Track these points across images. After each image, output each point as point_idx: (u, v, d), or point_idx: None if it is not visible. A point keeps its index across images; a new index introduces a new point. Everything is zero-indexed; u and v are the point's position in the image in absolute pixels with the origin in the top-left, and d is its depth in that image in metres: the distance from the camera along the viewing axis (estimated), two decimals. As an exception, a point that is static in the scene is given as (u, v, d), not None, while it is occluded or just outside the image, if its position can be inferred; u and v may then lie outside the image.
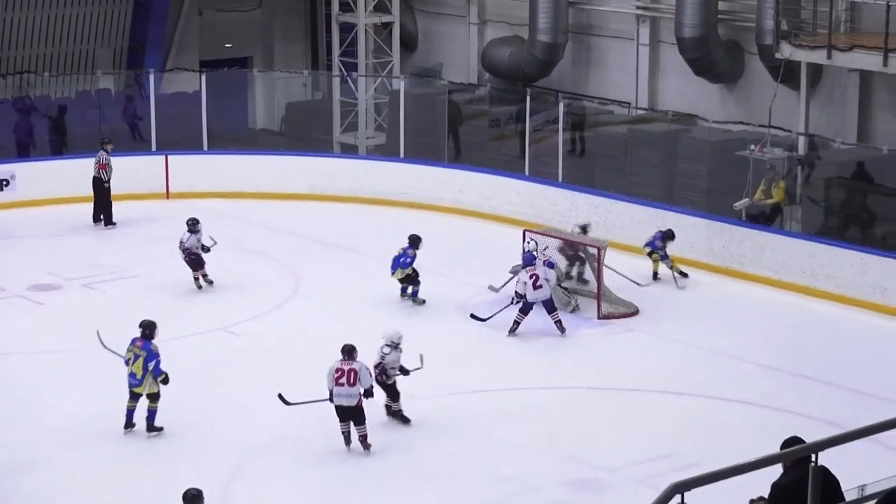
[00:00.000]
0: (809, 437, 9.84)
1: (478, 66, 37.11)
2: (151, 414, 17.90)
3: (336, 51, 37.12)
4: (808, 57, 28.94)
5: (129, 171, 32.86)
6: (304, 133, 36.90)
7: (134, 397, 17.83)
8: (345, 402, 19.96)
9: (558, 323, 25.10)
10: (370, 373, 20.55)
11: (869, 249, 27.04)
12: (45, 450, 20.10)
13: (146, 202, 32.66)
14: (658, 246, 27.08)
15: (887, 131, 29.72)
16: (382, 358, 20.34)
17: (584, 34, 35.32)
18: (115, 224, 28.90)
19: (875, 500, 5.81)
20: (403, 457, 20.43)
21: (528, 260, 25.12)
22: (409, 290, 26.53)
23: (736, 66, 32.53)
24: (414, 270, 26.30)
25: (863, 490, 9.06)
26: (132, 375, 17.84)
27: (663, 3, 33.42)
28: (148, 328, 17.90)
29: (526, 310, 24.81)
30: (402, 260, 26.15)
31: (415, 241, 26.17)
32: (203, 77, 35.12)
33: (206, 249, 27.14)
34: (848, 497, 9.14)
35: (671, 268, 27.11)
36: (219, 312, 25.96)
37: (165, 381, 18.15)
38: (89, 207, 31.14)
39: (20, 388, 22.48)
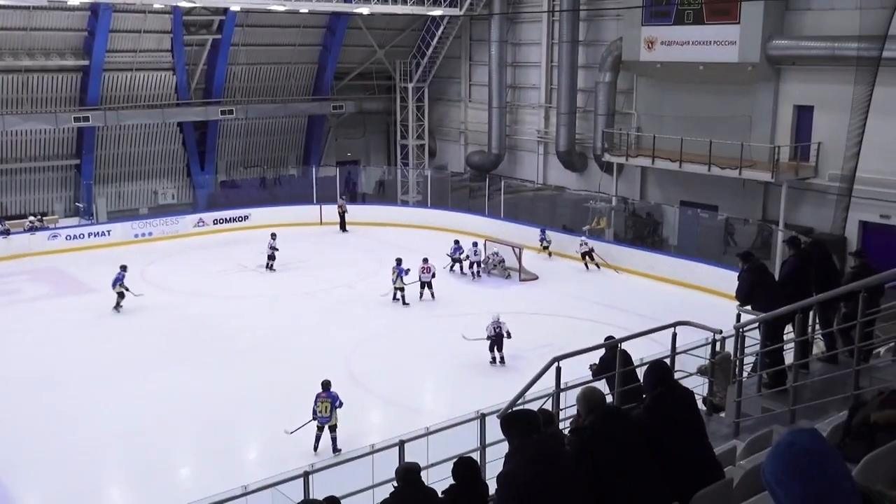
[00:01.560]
0: (617, 336, 10.38)
1: (464, 163, 36.49)
2: (334, 440, 14.29)
3: (399, 157, 36.67)
4: (616, 160, 29.07)
5: (301, 213, 32.67)
6: (385, 195, 36.08)
7: (321, 430, 14.27)
8: (425, 279, 22.20)
9: (477, 273, 25.39)
10: (435, 267, 23.18)
11: (648, 249, 26.88)
12: (280, 328, 20.31)
13: (309, 227, 32.01)
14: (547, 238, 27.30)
15: (653, 194, 29.76)
16: (495, 328, 18.16)
17: (513, 149, 34.86)
18: (347, 231, 29.81)
19: (647, 365, 6.12)
20: (440, 337, 20.28)
21: (467, 248, 25.64)
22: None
23: (584, 163, 32.11)
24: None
25: (642, 360, 9.15)
26: (322, 417, 14.18)
27: (549, 135, 33.17)
28: (327, 384, 14.33)
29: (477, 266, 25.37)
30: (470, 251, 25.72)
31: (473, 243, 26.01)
32: (337, 168, 34.84)
33: (276, 249, 25.74)
34: (635, 363, 9.62)
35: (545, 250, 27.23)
36: (351, 272, 25.08)
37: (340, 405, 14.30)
38: (278, 229, 30.05)
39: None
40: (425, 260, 23.35)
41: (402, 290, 22.37)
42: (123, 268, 22.74)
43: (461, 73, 37.21)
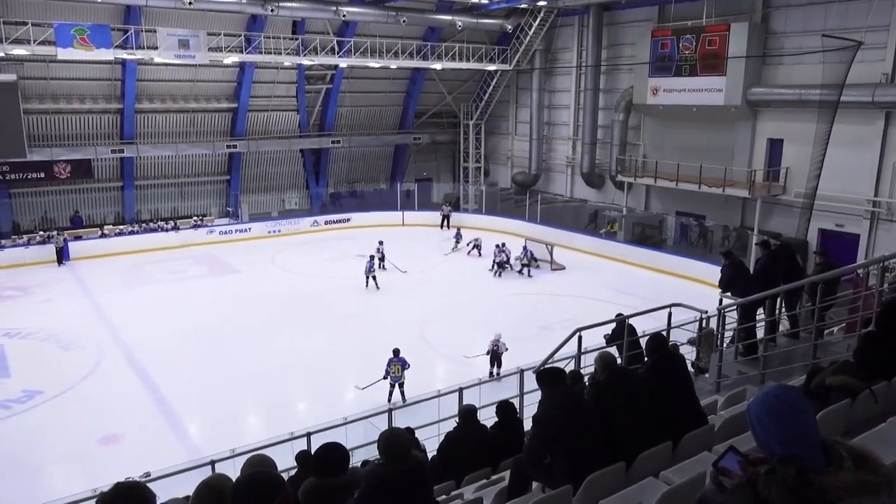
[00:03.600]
0: (625, 313, 10.15)
1: (511, 181, 35.95)
2: (403, 394, 13.66)
3: (461, 176, 36.33)
4: (627, 180, 28.40)
5: (389, 217, 32.59)
6: (452, 202, 35.84)
7: (393, 387, 13.75)
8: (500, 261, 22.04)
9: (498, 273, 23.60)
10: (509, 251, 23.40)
11: (649, 247, 26.20)
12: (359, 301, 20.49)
13: (395, 227, 31.85)
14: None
15: (655, 206, 29.00)
16: (494, 346, 15.30)
17: (547, 170, 34.26)
18: (450, 229, 28.87)
19: (649, 336, 6.05)
20: (491, 311, 19.95)
21: (500, 248, 24.23)
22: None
23: (601, 182, 31.38)
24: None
25: (644, 332, 9.17)
26: (395, 377, 13.72)
27: (575, 160, 32.58)
28: (397, 351, 13.79)
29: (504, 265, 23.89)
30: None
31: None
32: (416, 184, 34.49)
33: (382, 253, 23.95)
34: (639, 334, 9.42)
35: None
36: (425, 262, 24.86)
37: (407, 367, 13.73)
38: (371, 229, 29.99)
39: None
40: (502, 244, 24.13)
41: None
42: (372, 258, 22.32)
43: (510, 113, 36.79)
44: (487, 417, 6.99)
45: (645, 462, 4.29)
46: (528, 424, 5.38)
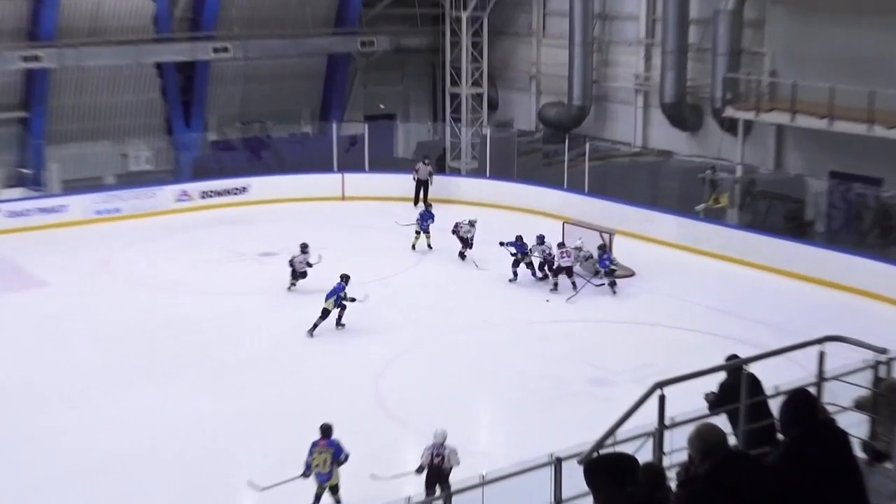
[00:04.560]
0: (742, 354, 10.23)
1: (536, 119, 36.38)
2: (338, 502, 13.82)
3: (448, 110, 36.63)
4: (743, 115, 28.78)
5: (318, 183, 32.94)
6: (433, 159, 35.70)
7: (322, 488, 13.67)
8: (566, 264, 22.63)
9: (573, 283, 23.80)
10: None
11: (783, 236, 26.63)
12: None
13: (330, 202, 32.20)
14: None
15: (793, 162, 29.47)
16: (434, 454, 13.76)
17: (602, 100, 34.73)
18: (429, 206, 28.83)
19: (784, 395, 5.93)
20: (500, 352, 20.14)
21: (534, 243, 24.61)
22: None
23: (697, 120, 31.87)
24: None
25: (777, 388, 9.06)
26: (320, 474, 13.52)
27: (651, 81, 33.06)
28: (328, 430, 13.59)
29: (557, 272, 24.00)
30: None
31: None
32: (366, 125, 34.80)
33: (310, 265, 23.61)
34: (768, 392, 9.49)
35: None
36: (384, 264, 25.18)
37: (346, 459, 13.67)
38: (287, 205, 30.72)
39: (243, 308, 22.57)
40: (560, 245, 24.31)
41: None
42: (346, 279, 21.63)
43: (532, -1, 37.29)
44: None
45: None
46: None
